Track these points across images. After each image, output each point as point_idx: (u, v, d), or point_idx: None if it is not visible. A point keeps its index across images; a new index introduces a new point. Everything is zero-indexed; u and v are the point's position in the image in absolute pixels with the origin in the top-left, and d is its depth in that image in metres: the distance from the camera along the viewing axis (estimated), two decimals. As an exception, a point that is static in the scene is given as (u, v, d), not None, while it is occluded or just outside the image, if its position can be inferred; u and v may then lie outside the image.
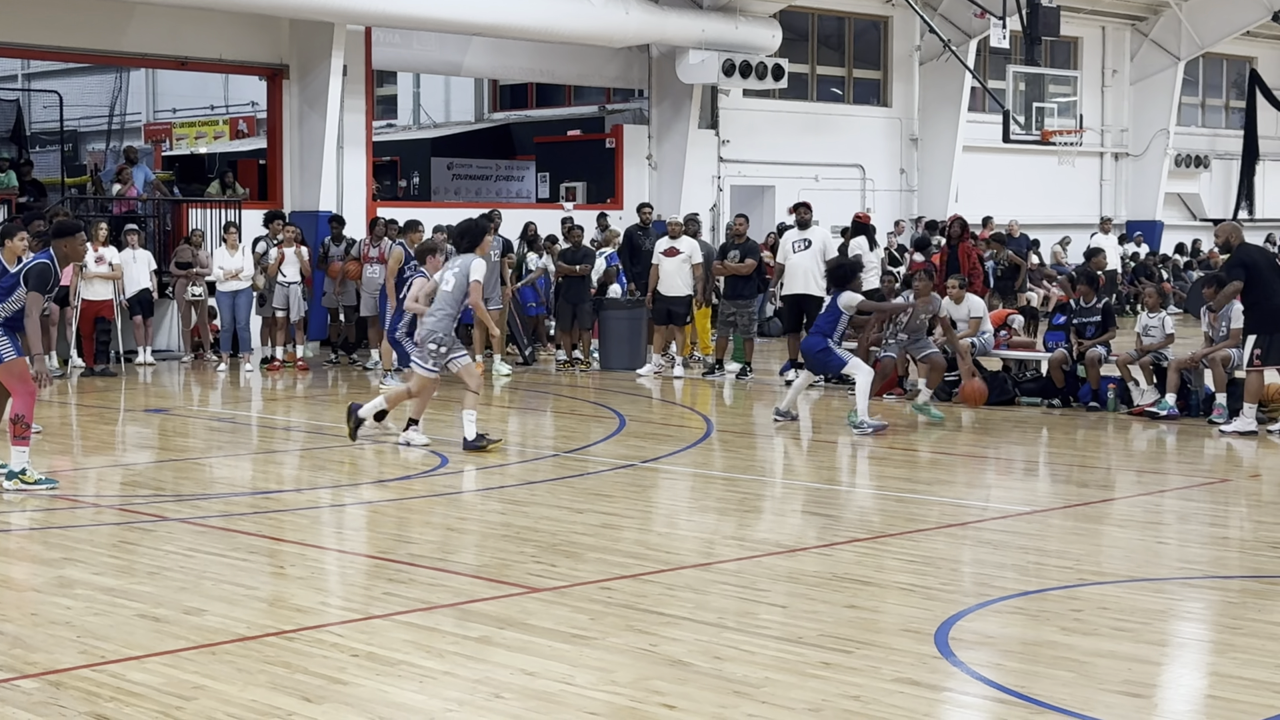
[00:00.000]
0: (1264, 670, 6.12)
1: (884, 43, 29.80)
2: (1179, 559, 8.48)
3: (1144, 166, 33.52)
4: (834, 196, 27.53)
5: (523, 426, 14.82)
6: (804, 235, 17.39)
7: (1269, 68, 35.33)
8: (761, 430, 14.30)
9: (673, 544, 8.89)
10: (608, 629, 6.79)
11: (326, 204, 22.02)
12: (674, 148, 26.27)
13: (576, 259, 19.48)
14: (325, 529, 9.68)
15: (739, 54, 24.55)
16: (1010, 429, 13.86)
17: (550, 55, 25.53)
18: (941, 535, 9.13)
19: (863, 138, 29.08)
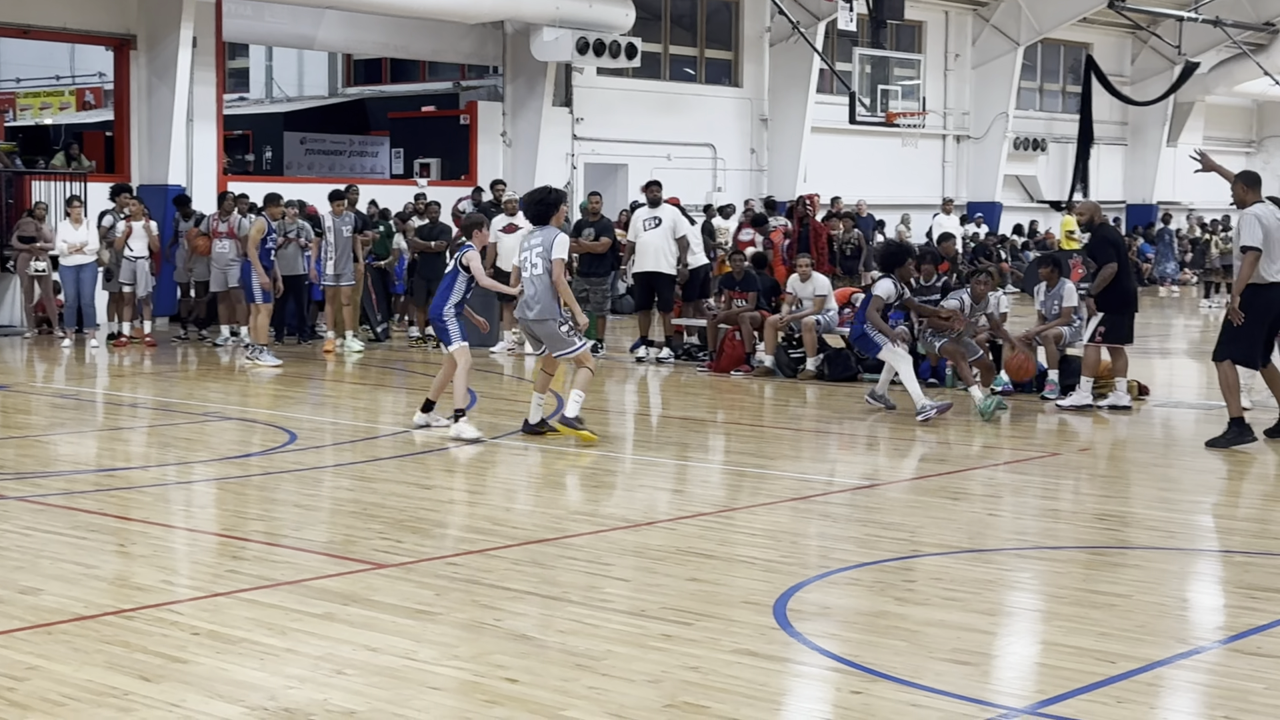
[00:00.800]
0: (1088, 638, 6.28)
1: (735, 24, 29.97)
2: (1010, 530, 8.68)
3: (984, 149, 34.20)
4: (686, 175, 27.71)
5: (374, 403, 14.68)
6: (654, 214, 17.43)
7: (1104, 54, 36.23)
8: (612, 407, 14.33)
9: (521, 519, 8.87)
10: (452, 604, 6.76)
11: (176, 178, 21.56)
12: (528, 125, 26.17)
13: (432, 235, 19.31)
14: (170, 507, 9.50)
15: (593, 32, 24.52)
16: (853, 405, 14.05)
17: (405, 30, 25.26)
18: (785, 509, 9.24)
19: (714, 117, 29.25)
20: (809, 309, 15.93)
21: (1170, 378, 16.83)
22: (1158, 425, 13.06)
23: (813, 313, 15.87)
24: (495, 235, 18.24)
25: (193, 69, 21.68)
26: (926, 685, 5.64)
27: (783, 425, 13.20)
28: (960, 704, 5.44)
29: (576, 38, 24.31)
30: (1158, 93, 35.71)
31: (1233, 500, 9.75)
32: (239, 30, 24.01)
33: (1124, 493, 9.92)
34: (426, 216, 19.76)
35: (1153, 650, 6.14)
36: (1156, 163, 38.09)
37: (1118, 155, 37.99)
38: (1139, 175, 38.16)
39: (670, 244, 17.27)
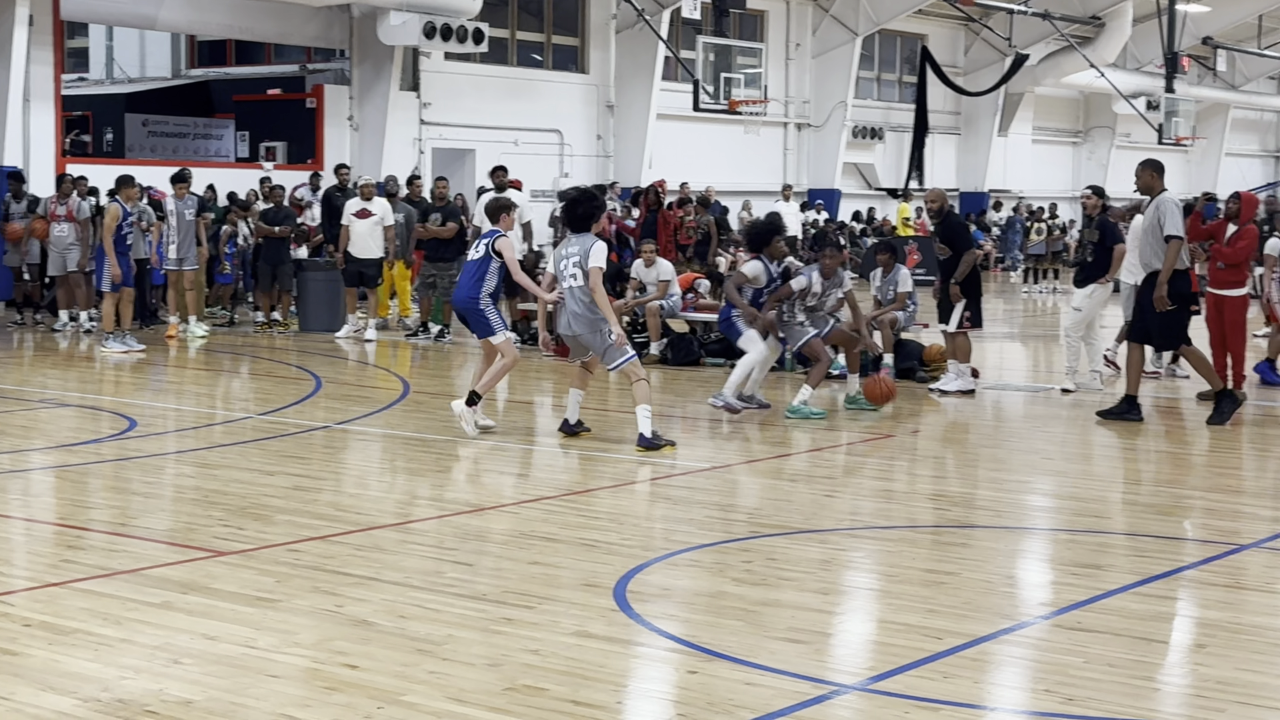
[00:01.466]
0: (916, 615, 6.41)
1: (582, 11, 29.92)
2: (845, 511, 8.81)
3: (824, 137, 34.63)
4: (533, 161, 27.62)
5: (218, 389, 14.40)
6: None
7: (939, 45, 36.91)
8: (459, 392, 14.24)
9: (365, 505, 8.78)
10: (293, 591, 6.67)
11: (11, 159, 20.89)
12: (375, 109, 25.86)
13: (276, 220, 18.99)
14: (5, 496, 9.20)
15: (440, 17, 24.28)
16: (695, 388, 14.14)
17: (250, 12, 24.76)
18: (626, 492, 9.27)
19: (561, 104, 29.18)
20: (653, 294, 15.99)
21: (1000, 361, 17.22)
22: (988, 407, 13.36)
23: (656, 298, 15.93)
24: (348, 219, 18.00)
25: (29, 48, 21.00)
26: (762, 664, 5.70)
27: (626, 409, 13.21)
28: (794, 681, 5.51)
29: (424, 22, 24.05)
30: (989, 84, 36.47)
31: (1058, 479, 10.01)
32: (77, 9, 23.33)
33: (954, 473, 10.13)
34: (271, 201, 19.40)
35: (978, 626, 6.28)
36: (988, 151, 38.92)
37: (951, 144, 38.75)
38: (971, 163, 38.97)
39: (516, 229, 17.17)
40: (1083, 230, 13.87)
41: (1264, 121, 50.78)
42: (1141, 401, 12.18)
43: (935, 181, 34.20)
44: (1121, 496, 9.49)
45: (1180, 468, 10.71)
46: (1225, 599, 6.82)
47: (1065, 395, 13.61)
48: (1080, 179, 42.31)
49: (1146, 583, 7.06)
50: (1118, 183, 39.96)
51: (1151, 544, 8.02)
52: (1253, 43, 42.67)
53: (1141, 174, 12.14)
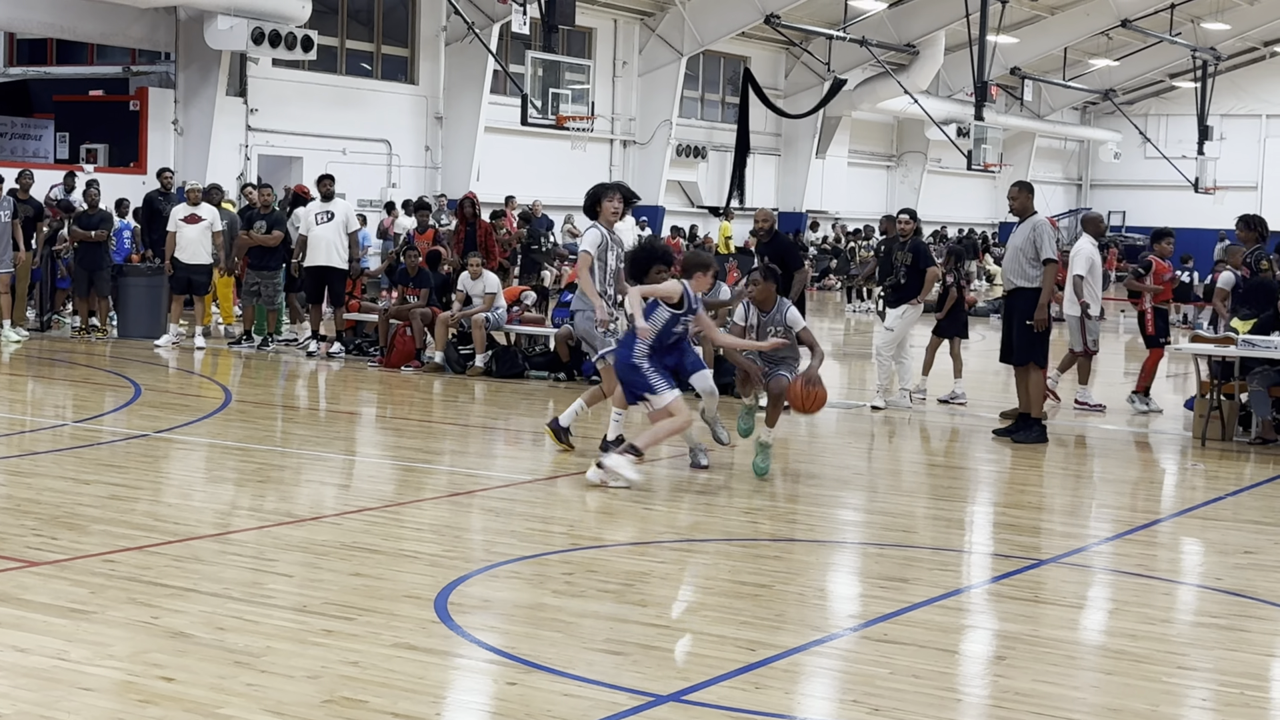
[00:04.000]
0: (730, 626, 6.50)
1: (412, 21, 29.71)
2: (664, 524, 8.88)
3: (649, 154, 34.89)
4: (361, 170, 27.35)
5: (33, 395, 13.95)
6: (327, 208, 17.10)
7: (761, 67, 37.47)
8: (280, 401, 14.02)
9: (184, 515, 8.58)
10: (108, 602, 6.50)
11: None
12: (201, 114, 25.32)
13: (93, 224, 18.46)
14: None
15: (269, 23, 23.88)
16: (519, 401, 14.14)
17: (72, 11, 24.06)
18: (449, 504, 9.23)
19: (390, 114, 28.93)
20: (479, 306, 15.94)
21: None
22: (802, 423, 13.58)
23: (482, 310, 15.88)
24: (175, 224, 17.57)
25: None
26: (579, 675, 5.73)
27: (451, 421, 13.18)
28: (610, 692, 5.55)
29: (252, 27, 23.63)
30: (809, 106, 37.13)
31: (869, 495, 10.24)
32: (-110, 2, 22.43)
33: (769, 488, 10.28)
34: (88, 204, 18.86)
35: (790, 638, 6.39)
36: (806, 173, 39.60)
37: (772, 165, 39.34)
38: (791, 184, 39.61)
39: (342, 238, 16.99)
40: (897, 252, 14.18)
41: (1067, 150, 52.60)
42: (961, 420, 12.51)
43: (756, 201, 34.78)
44: (927, 512, 9.73)
45: (986, 485, 11.04)
46: (1025, 612, 7.05)
47: (876, 412, 13.92)
48: (893, 201, 43.33)
49: (950, 596, 7.27)
50: (928, 206, 41.10)
51: (955, 558, 8.25)
52: (1058, 74, 44.18)
53: (1017, 195, 12.57)
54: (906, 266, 14.07)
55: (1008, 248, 12.72)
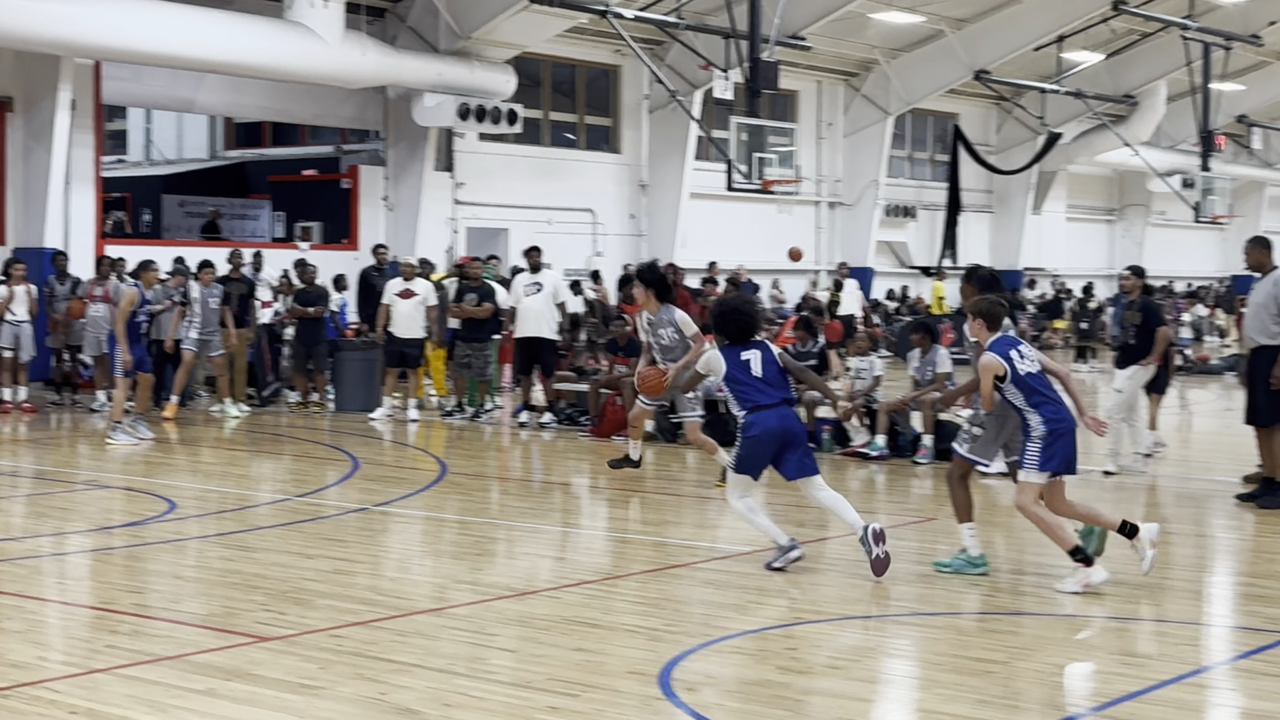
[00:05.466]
0: (965, 705, 6.37)
1: (614, 91, 30.25)
2: (889, 596, 8.76)
3: (856, 215, 34.76)
4: (567, 240, 27.85)
5: (255, 470, 14.46)
6: (536, 279, 17.45)
7: (971, 124, 37.09)
8: (494, 473, 14.28)
9: (405, 589, 8.78)
10: (337, 678, 6.67)
11: (53, 241, 21.15)
12: (410, 189, 26.13)
13: (310, 300, 19.15)
14: (46, 579, 9.27)
15: (474, 98, 24.59)
16: (733, 469, 14.12)
17: (286, 94, 25.13)
18: (667, 576, 9.25)
19: (594, 183, 29.44)
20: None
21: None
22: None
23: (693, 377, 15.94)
24: (390, 298, 18.12)
25: (71, 131, 21.34)
26: (810, 755, 5.67)
27: (664, 490, 13.24)
28: (843, 774, 5.48)
29: (458, 103, 24.36)
30: (1022, 162, 36.60)
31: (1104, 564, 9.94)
32: (118, 93, 23.72)
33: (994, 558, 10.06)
34: (305, 281, 19.57)
35: (1028, 718, 6.23)
36: (1022, 229, 38.98)
37: (985, 222, 38.82)
38: (1005, 241, 39.01)
39: (552, 309, 17.30)
40: (1124, 312, 13.86)
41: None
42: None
43: (968, 259, 34.31)
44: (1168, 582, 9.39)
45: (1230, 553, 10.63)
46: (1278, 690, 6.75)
47: (1108, 477, 13.54)
48: (1116, 257, 42.36)
49: (1197, 673, 7.00)
50: (1154, 261, 39.97)
51: (1200, 632, 7.95)
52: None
53: (1251, 252, 12.20)
54: (1136, 326, 13.73)
55: (1249, 304, 12.31)
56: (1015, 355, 8.68)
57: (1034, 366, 8.73)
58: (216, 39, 21.44)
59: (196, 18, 21.41)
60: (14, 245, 21.22)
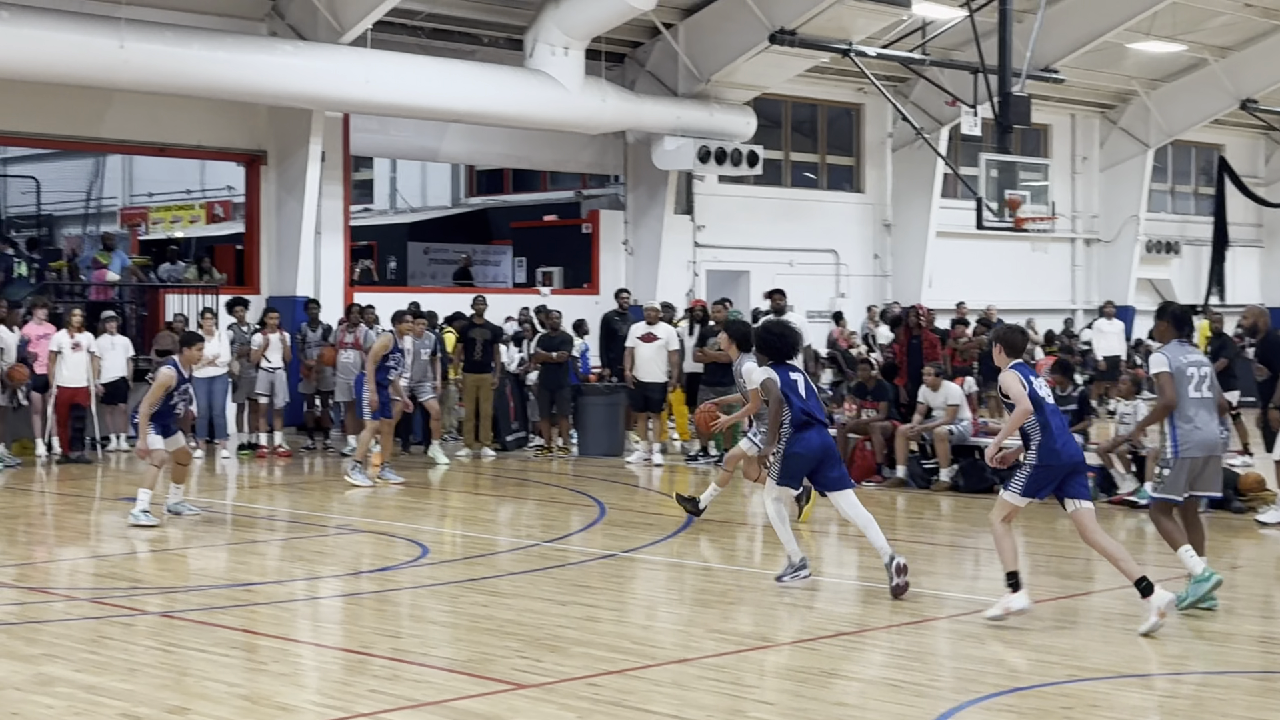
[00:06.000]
0: (1257, 769, 6.09)
1: (856, 129, 30.11)
2: (1167, 654, 8.44)
3: (1115, 252, 33.81)
4: (809, 281, 27.76)
5: (503, 515, 14.74)
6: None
7: (1237, 155, 35.80)
8: (742, 519, 14.28)
9: (655, 637, 8.83)
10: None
11: (304, 289, 22.01)
12: (650, 233, 26.43)
13: (554, 345, 19.50)
14: (307, 623, 9.59)
15: (714, 140, 24.77)
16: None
17: (526, 141, 25.73)
18: (926, 629, 9.09)
19: (837, 223, 29.31)
20: (941, 419, 15.80)
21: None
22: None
23: (945, 423, 15.72)
24: (634, 342, 18.35)
25: (321, 182, 22.21)
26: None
27: (918, 539, 13.03)
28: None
29: (698, 146, 24.58)
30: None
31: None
32: (366, 144, 24.61)
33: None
34: (547, 326, 19.94)
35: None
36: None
37: (1254, 257, 37.34)
38: (1277, 278, 37.43)
39: (797, 353, 17.23)
40: None
41: None
42: None
43: (1237, 297, 33.11)
44: None
45: None
46: None
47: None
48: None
49: None
50: None
51: None
52: None
53: None
54: None
55: None
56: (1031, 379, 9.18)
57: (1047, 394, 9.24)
58: (461, 89, 22.10)
59: (441, 69, 22.13)
60: (268, 294, 22.16)
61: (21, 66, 18.47)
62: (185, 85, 19.89)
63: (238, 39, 20.30)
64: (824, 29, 24.29)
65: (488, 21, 23.90)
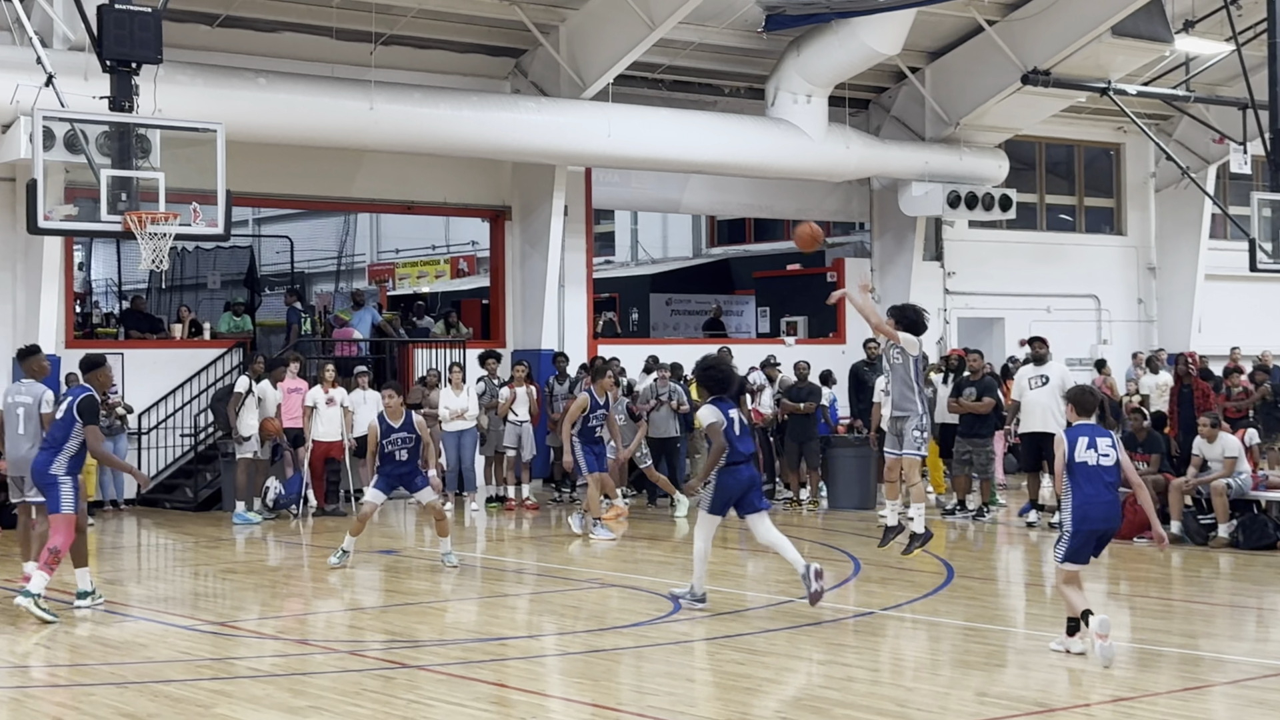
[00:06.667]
0: None
1: (1116, 170, 29.41)
2: None
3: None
4: (1068, 328, 27.09)
5: (752, 569, 14.66)
6: (1041, 371, 17.02)
7: None
8: (1002, 575, 13.93)
9: (924, 700, 8.61)
10: (865, 792, 6.58)
11: (548, 342, 22.41)
12: (898, 280, 26.17)
13: (801, 396, 19.40)
14: (560, 677, 9.65)
15: (964, 185, 24.47)
16: (1273, 576, 13.22)
17: (769, 190, 25.79)
18: (1215, 695, 8.69)
19: (1097, 267, 28.61)
20: (1218, 471, 15.19)
21: None
22: None
23: (1222, 475, 15.11)
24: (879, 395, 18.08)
25: (564, 236, 22.61)
26: None
27: (1194, 599, 12.52)
28: None
29: (947, 191, 24.30)
30: None
31: None
32: (608, 197, 24.99)
33: None
34: (796, 375, 19.86)
35: None
36: None
37: None
38: None
39: (1059, 403, 16.79)
40: None
41: None
42: None
43: None
44: None
45: None
46: None
47: None
48: None
49: None
50: None
51: None
52: None
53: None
54: None
55: None
56: (1083, 442, 9.57)
57: (1095, 459, 9.57)
58: (702, 140, 22.29)
59: (682, 121, 22.37)
60: (513, 347, 22.62)
61: (277, 131, 19.27)
62: (432, 144, 20.52)
63: (482, 97, 20.85)
64: (1080, 67, 23.80)
65: (728, 72, 24.09)
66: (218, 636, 10.79)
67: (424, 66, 21.55)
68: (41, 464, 11.29)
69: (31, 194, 14.55)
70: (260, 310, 25.40)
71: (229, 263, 27.28)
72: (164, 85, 15.52)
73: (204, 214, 15.34)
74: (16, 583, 12.00)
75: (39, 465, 11.32)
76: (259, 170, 20.35)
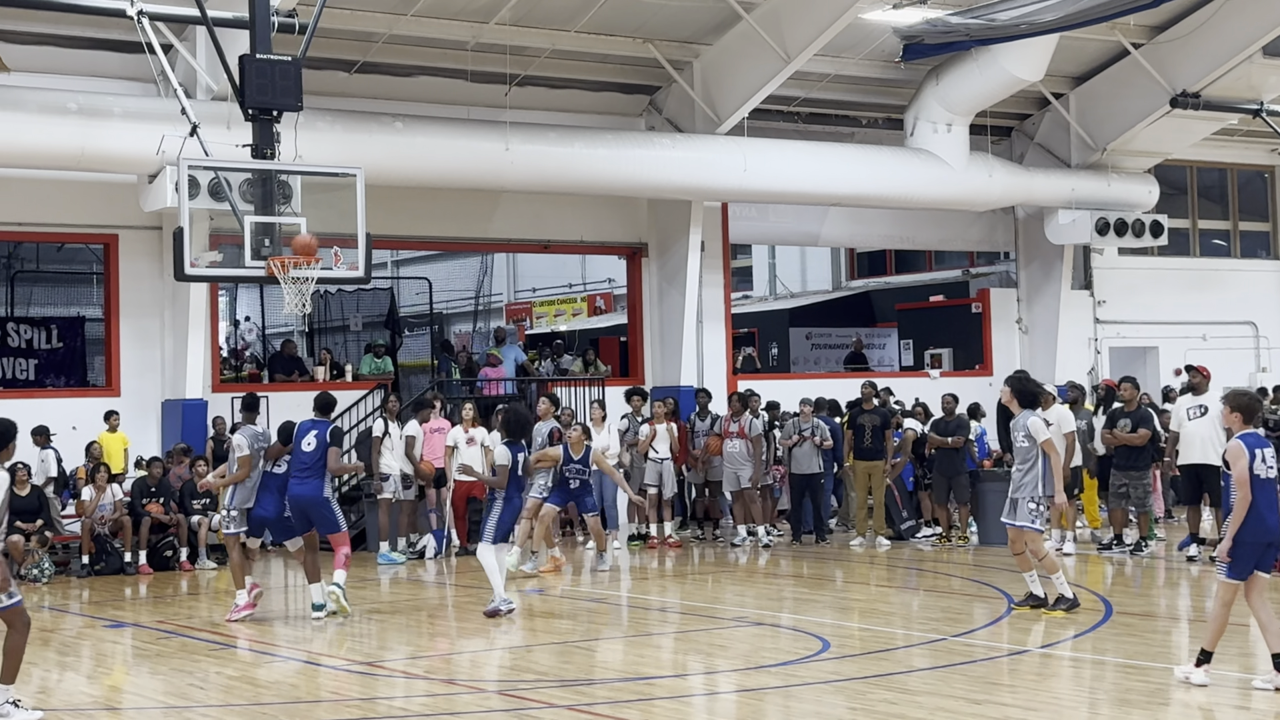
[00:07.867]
0: None
1: (1272, 193, 28.82)
2: None
3: None
4: (1224, 355, 26.45)
5: (903, 607, 14.52)
6: (1199, 401, 16.67)
7: None
8: (1162, 611, 13.63)
9: (1083, 738, 8.46)
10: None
11: (688, 378, 22.45)
12: (1045, 310, 25.84)
13: (949, 430, 19.19)
14: (707, 717, 9.63)
15: (1113, 211, 24.12)
16: None
17: (910, 221, 25.63)
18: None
19: (1254, 293, 28.00)
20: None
21: None
22: None
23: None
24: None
25: (701, 272, 22.65)
26: None
27: None
28: None
29: (1095, 218, 23.98)
30: None
31: None
32: (745, 232, 25.00)
33: None
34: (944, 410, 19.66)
35: None
36: None
37: None
38: None
39: (1219, 433, 16.42)
40: None
41: None
42: None
43: None
44: None
45: None
46: None
47: None
48: None
49: None
50: None
51: None
52: None
53: None
54: None
55: None
56: (1259, 453, 9.29)
57: (1264, 471, 9.30)
58: (840, 172, 22.22)
59: (819, 154, 22.33)
60: (652, 384, 22.67)
61: (415, 174, 19.58)
62: (568, 183, 20.70)
63: (617, 135, 21.01)
64: (1231, 89, 23.36)
65: (865, 103, 24.02)
66: (365, 676, 10.94)
67: (558, 106, 21.78)
68: (314, 491, 13.46)
69: (178, 242, 14.92)
70: (401, 351, 25.77)
71: (370, 305, 27.73)
72: (304, 132, 15.85)
73: (345, 257, 15.62)
74: (173, 623, 12.25)
75: (312, 493, 13.46)
76: (397, 213, 20.67)
